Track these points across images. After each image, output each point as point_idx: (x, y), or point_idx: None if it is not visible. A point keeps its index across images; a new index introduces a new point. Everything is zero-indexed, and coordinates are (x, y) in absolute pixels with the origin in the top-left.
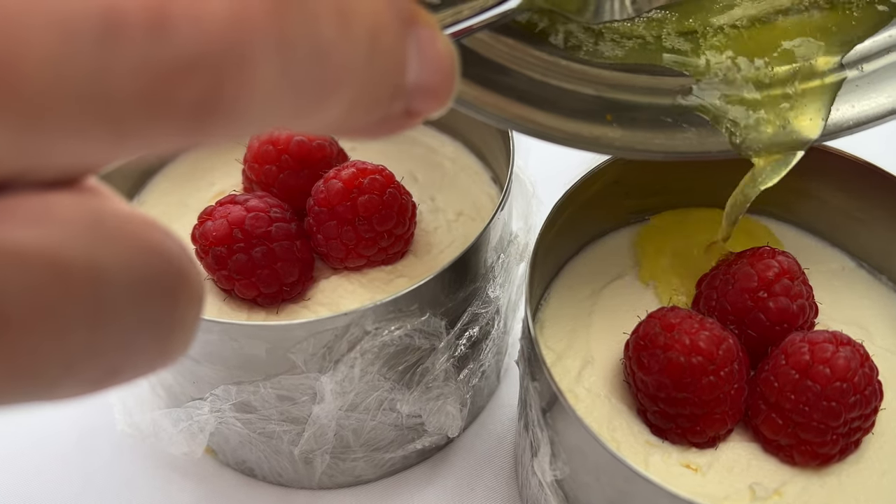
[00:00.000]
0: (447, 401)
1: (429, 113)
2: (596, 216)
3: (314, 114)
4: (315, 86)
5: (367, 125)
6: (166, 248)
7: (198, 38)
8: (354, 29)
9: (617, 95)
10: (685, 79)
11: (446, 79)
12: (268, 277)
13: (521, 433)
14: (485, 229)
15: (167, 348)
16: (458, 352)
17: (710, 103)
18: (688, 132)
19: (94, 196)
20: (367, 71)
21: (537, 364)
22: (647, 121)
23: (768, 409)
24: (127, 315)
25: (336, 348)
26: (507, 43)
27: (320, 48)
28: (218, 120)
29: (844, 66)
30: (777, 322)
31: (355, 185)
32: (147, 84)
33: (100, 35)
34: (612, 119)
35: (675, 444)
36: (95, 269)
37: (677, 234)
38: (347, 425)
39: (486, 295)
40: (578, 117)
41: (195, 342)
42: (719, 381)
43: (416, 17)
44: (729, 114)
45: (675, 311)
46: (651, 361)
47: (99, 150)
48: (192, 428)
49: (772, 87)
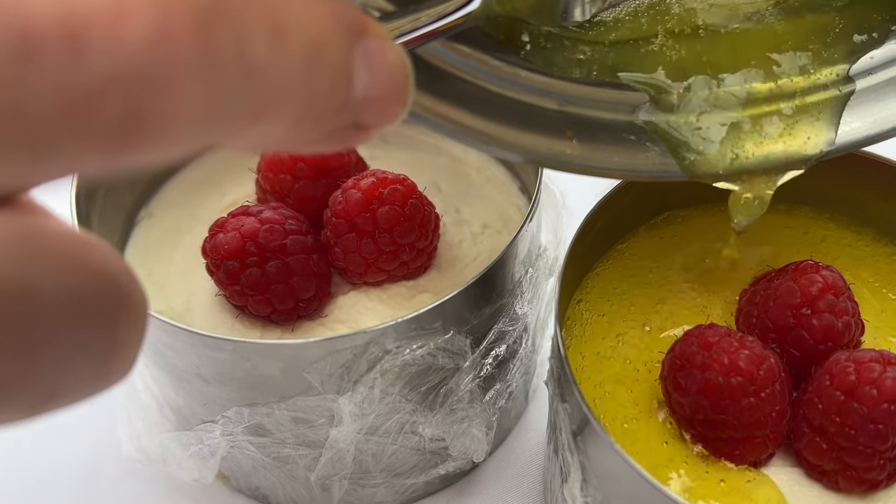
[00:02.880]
0: (472, 423)
1: (380, 126)
2: (630, 227)
3: (251, 131)
4: (249, 104)
5: (314, 141)
6: (105, 267)
7: (116, 59)
8: (291, 45)
9: (578, 110)
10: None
11: (397, 91)
12: (283, 293)
13: (551, 457)
14: (512, 242)
15: (107, 370)
16: (483, 372)
17: (661, 122)
18: (650, 151)
19: (26, 214)
20: (308, 86)
21: (567, 384)
22: (609, 138)
23: (812, 432)
24: (62, 337)
25: (355, 368)
26: (464, 52)
27: (251, 67)
28: (143, 140)
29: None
30: (821, 340)
31: (375, 195)
32: (65, 105)
33: (16, 55)
34: (573, 135)
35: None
36: (26, 289)
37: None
38: (367, 449)
39: (514, 311)
40: (537, 132)
41: (206, 361)
42: (760, 403)
43: (363, 27)
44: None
45: (714, 328)
46: (688, 382)
47: (18, 171)
48: (202, 452)
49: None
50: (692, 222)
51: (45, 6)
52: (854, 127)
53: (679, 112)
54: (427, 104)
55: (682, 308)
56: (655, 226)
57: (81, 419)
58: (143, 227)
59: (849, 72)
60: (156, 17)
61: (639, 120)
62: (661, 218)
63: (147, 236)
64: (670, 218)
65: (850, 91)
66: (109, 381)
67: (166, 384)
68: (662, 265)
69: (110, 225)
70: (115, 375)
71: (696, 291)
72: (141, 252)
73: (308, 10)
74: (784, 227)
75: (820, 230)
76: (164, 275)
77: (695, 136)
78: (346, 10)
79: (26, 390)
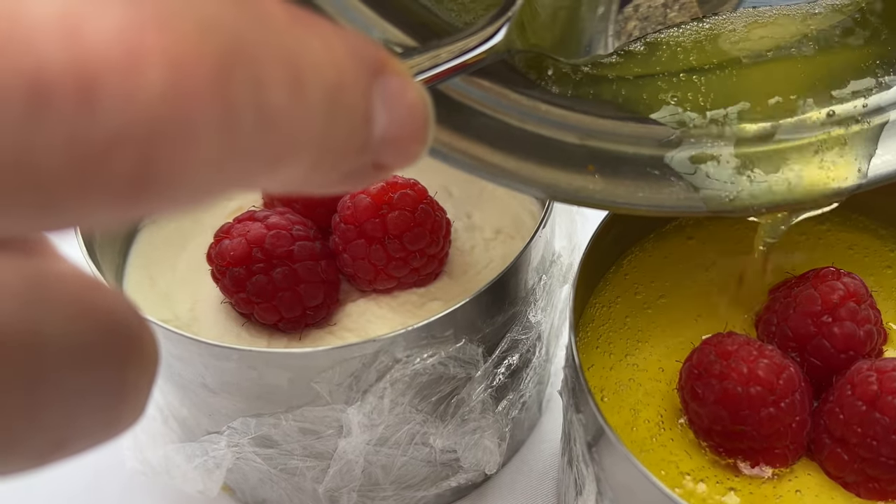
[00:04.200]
0: (484, 434)
1: (400, 166)
2: (645, 232)
3: (269, 177)
4: (266, 153)
5: (332, 182)
6: (113, 311)
7: (129, 113)
8: (310, 90)
9: (601, 144)
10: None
11: (417, 131)
12: (290, 301)
13: (565, 469)
14: (525, 248)
15: (117, 416)
16: (496, 381)
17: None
18: (674, 186)
19: (33, 257)
20: (327, 130)
21: (582, 395)
22: (632, 172)
23: (833, 443)
24: (69, 383)
25: (364, 377)
26: (483, 86)
27: (269, 116)
28: (156, 192)
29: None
30: (842, 349)
31: (385, 200)
32: (75, 157)
33: (26, 106)
34: (595, 170)
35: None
36: (32, 335)
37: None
38: (376, 461)
39: (527, 320)
40: (557, 166)
41: (211, 371)
42: (779, 413)
43: (383, 66)
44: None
45: (732, 336)
46: (705, 392)
47: (24, 223)
48: (207, 464)
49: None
50: (708, 228)
51: (57, 54)
52: (885, 160)
53: (704, 146)
54: (445, 139)
55: (699, 315)
56: (670, 232)
57: None
58: (147, 234)
59: (880, 103)
60: (171, 69)
61: (663, 154)
62: (675, 224)
63: (150, 243)
64: (685, 223)
65: (883, 122)
66: (119, 427)
67: (171, 394)
68: (679, 272)
69: (113, 232)
70: (126, 422)
71: (714, 298)
72: (144, 259)
73: (327, 50)
74: (803, 234)
75: (841, 236)
76: (168, 282)
77: (721, 170)
78: (366, 48)
79: (32, 438)
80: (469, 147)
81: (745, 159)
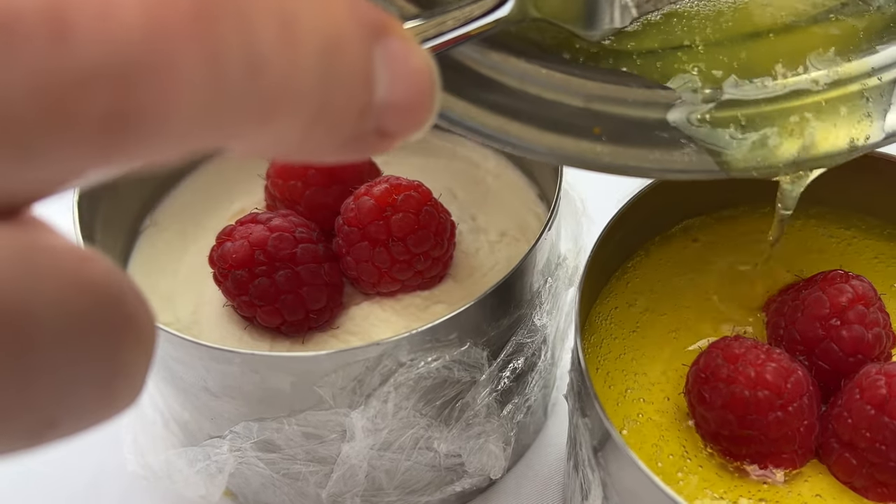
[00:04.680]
0: (489, 439)
1: (406, 134)
2: (651, 235)
3: (260, 134)
4: (256, 101)
5: (332, 148)
6: (107, 283)
7: (105, 48)
8: (303, 44)
9: (606, 107)
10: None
11: (422, 97)
12: (293, 304)
13: (571, 474)
14: (530, 251)
15: (111, 396)
16: (501, 385)
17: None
18: (686, 148)
19: (25, 229)
20: (323, 86)
21: (588, 398)
22: (640, 135)
23: (841, 447)
24: (60, 358)
25: (367, 381)
26: (477, 47)
27: (258, 60)
28: (135, 137)
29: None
30: (851, 352)
31: (389, 202)
32: (48, 96)
33: None
34: (601, 132)
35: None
36: (20, 308)
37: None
38: (380, 466)
39: (532, 323)
40: (561, 130)
41: (213, 374)
42: (787, 417)
43: (385, 28)
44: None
45: (739, 340)
46: (713, 396)
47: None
48: (209, 469)
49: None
50: (715, 231)
51: None
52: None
53: (717, 107)
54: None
55: (706, 319)
56: (677, 235)
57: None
58: (148, 236)
59: None
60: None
61: (672, 117)
62: (681, 226)
63: (152, 245)
64: (692, 226)
65: None
66: (115, 407)
67: (172, 398)
68: (686, 274)
69: (114, 234)
70: (121, 402)
71: (722, 302)
72: (146, 262)
73: (324, 7)
74: (811, 237)
75: (849, 238)
76: (170, 285)
77: (736, 131)
78: (367, 9)
79: (23, 416)
80: (468, 110)
81: (759, 118)
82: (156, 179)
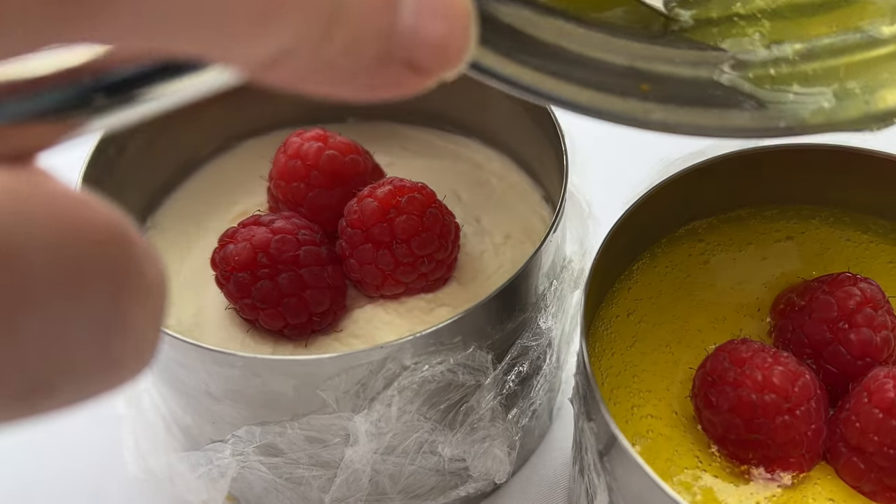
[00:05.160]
0: (494, 443)
1: (438, 70)
2: (657, 237)
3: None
4: None
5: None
6: (110, 232)
7: None
8: None
9: (652, 66)
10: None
11: (456, 29)
12: (295, 307)
13: (576, 479)
14: (536, 253)
15: (113, 359)
16: (506, 389)
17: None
18: (744, 105)
19: (20, 173)
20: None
21: (594, 402)
22: (692, 94)
23: (849, 452)
24: (55, 310)
25: (371, 385)
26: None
27: None
28: None
29: None
30: (859, 356)
31: (392, 204)
32: None
33: None
34: (650, 90)
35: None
36: (15, 251)
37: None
38: (384, 470)
39: (538, 326)
40: (605, 88)
41: (215, 378)
42: (794, 421)
43: None
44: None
45: (746, 343)
46: (719, 399)
47: None
48: (211, 473)
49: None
50: (721, 233)
51: None
52: None
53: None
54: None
55: (713, 322)
56: (683, 237)
57: (85, 438)
58: (150, 238)
59: None
60: None
61: (729, 75)
62: (687, 228)
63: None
64: (699, 228)
65: None
66: (119, 374)
67: (174, 402)
68: (692, 277)
69: None
70: (127, 368)
71: (729, 305)
72: None
73: None
74: (826, 239)
75: (866, 242)
76: (171, 287)
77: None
78: None
79: (14, 378)
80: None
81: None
82: (157, 181)
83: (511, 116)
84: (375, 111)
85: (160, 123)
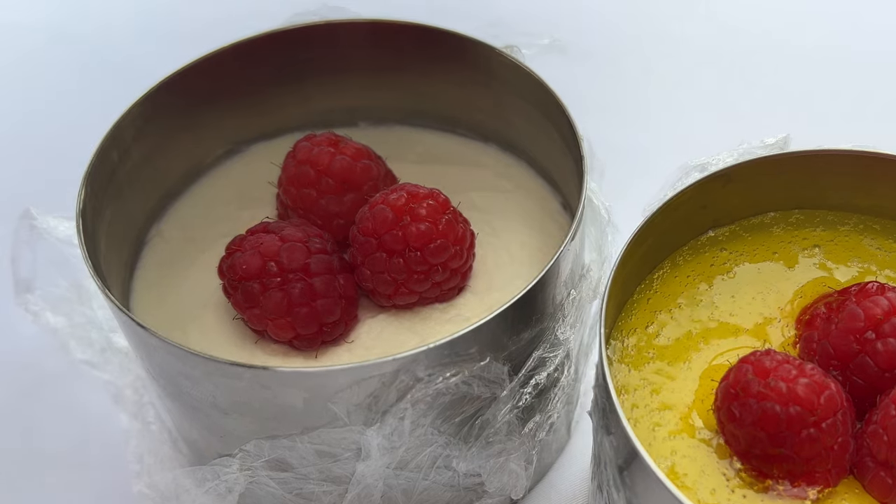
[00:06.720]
0: (510, 457)
1: None
2: (678, 245)
3: None
4: None
5: None
6: None
7: None
8: None
9: None
10: None
11: None
12: (306, 317)
13: (595, 494)
14: (553, 262)
15: None
16: (522, 401)
17: None
18: None
19: None
20: None
21: (613, 415)
22: None
23: (877, 466)
24: None
25: (383, 398)
26: None
27: None
28: None
29: None
30: (886, 367)
31: (406, 211)
32: None
33: None
34: None
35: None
36: None
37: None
38: (396, 485)
39: (555, 337)
40: None
41: (223, 390)
42: (820, 435)
43: None
44: None
45: (771, 354)
46: (743, 412)
47: None
48: (219, 488)
49: None
50: (743, 240)
51: None
52: None
53: None
54: None
55: (736, 332)
56: (705, 245)
57: (89, 453)
58: (154, 246)
59: None
60: None
61: None
62: (709, 236)
63: (158, 256)
64: (720, 236)
65: None
66: None
67: (180, 415)
68: (715, 286)
69: (118, 245)
70: None
71: (752, 315)
72: (152, 273)
73: None
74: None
75: (889, 249)
76: (176, 297)
77: None
78: None
79: None
80: None
81: None
82: (162, 186)
83: (529, 121)
84: (388, 115)
85: (165, 127)
